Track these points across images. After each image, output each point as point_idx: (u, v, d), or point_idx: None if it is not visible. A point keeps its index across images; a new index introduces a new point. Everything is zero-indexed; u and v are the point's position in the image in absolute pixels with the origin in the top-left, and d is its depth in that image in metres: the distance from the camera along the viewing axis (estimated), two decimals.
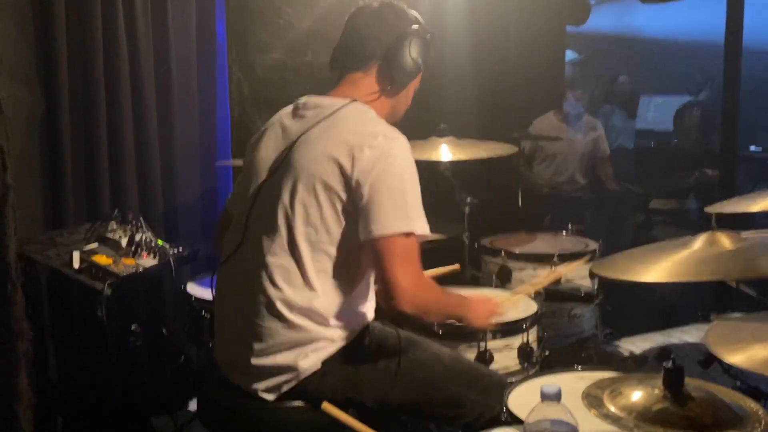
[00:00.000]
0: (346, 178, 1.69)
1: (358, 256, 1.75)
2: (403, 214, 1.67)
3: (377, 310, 1.91)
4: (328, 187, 1.70)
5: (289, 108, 1.92)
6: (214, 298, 1.95)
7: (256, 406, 1.76)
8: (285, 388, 1.74)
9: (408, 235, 1.67)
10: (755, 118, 5.20)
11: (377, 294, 1.72)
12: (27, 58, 2.76)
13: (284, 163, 1.77)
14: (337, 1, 3.59)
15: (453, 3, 4.13)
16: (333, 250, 1.72)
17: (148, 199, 3.14)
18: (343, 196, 1.69)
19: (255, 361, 1.74)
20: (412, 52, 1.88)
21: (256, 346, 1.74)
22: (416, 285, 1.68)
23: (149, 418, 3.01)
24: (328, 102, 1.83)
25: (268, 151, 1.85)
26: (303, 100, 1.89)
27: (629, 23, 6.56)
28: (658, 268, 1.77)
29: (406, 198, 1.69)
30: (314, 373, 1.75)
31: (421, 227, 1.70)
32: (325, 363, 1.76)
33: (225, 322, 1.88)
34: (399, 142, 1.75)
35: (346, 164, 1.69)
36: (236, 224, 1.87)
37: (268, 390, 1.75)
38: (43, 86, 2.80)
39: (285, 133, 1.84)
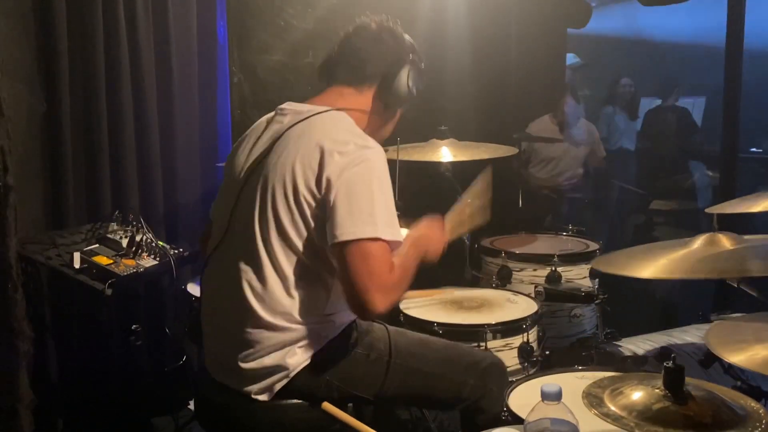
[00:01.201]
0: (315, 183, 1.68)
1: (331, 257, 1.73)
2: (369, 220, 1.64)
3: None
4: (298, 191, 1.69)
5: (270, 114, 1.93)
6: (200, 301, 1.94)
7: (253, 405, 1.76)
8: (277, 388, 1.74)
9: (375, 240, 1.63)
10: (756, 119, 5.21)
11: (348, 302, 1.66)
12: (28, 59, 2.76)
13: (258, 168, 1.78)
14: (338, 3, 3.59)
15: (454, 5, 4.14)
16: (307, 253, 1.71)
17: (149, 200, 3.14)
18: (312, 200, 1.68)
19: (243, 365, 1.74)
20: (409, 80, 1.91)
21: (242, 351, 1.74)
22: (386, 287, 1.64)
23: (149, 418, 3.01)
24: (306, 108, 1.84)
25: (243, 156, 1.86)
26: (283, 105, 1.90)
27: (631, 26, 6.56)
28: (656, 264, 1.78)
29: (374, 204, 1.66)
30: (304, 369, 1.75)
31: (389, 234, 1.66)
32: (314, 358, 1.76)
33: (210, 326, 1.88)
34: (371, 150, 1.72)
35: (316, 168, 1.68)
36: (217, 229, 1.87)
37: (260, 391, 1.75)
38: (44, 87, 2.80)
39: (260, 138, 1.85)
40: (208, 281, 1.89)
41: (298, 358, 1.74)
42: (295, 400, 1.77)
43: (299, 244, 1.70)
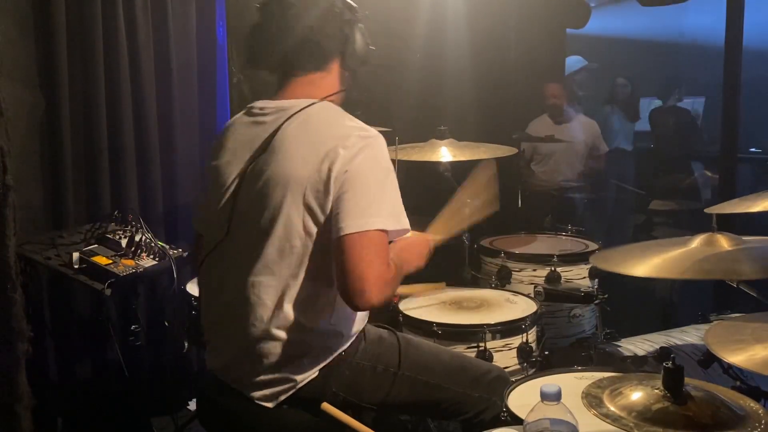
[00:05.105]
0: (324, 184, 1.64)
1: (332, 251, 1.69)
2: (376, 211, 1.61)
3: (373, 312, 1.87)
4: (307, 195, 1.64)
5: (243, 116, 1.83)
6: (200, 306, 1.89)
7: (257, 409, 1.74)
8: (282, 397, 1.72)
9: (377, 231, 1.61)
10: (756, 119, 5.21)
11: (341, 291, 1.62)
12: (27, 59, 2.76)
13: (254, 172, 1.71)
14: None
15: (453, 5, 4.14)
16: (317, 260, 1.67)
17: (148, 200, 3.14)
18: (324, 203, 1.64)
19: (249, 375, 1.72)
20: (366, 39, 1.84)
21: (249, 362, 1.71)
22: (384, 280, 1.61)
23: (149, 418, 3.01)
24: (288, 104, 1.76)
25: (231, 160, 1.77)
26: (259, 104, 1.81)
27: (630, 26, 6.56)
28: (652, 263, 1.78)
29: (379, 194, 1.64)
30: (311, 381, 1.73)
31: (395, 222, 1.64)
32: (323, 371, 1.73)
33: (214, 333, 1.84)
34: (371, 139, 1.68)
35: (324, 170, 1.63)
36: (210, 235, 1.80)
37: (265, 398, 1.72)
38: (43, 87, 2.80)
39: (247, 141, 1.76)
40: (209, 288, 1.84)
41: (305, 371, 1.71)
42: (300, 409, 1.74)
43: (310, 250, 1.66)
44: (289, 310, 1.68)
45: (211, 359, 1.84)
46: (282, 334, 1.69)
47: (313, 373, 1.72)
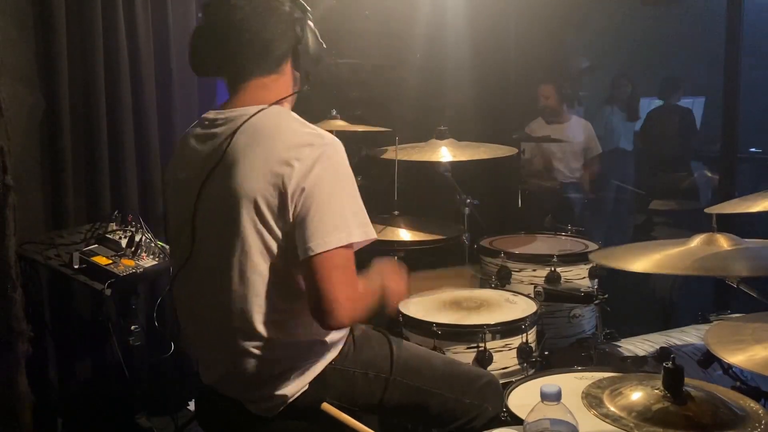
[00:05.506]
0: (279, 200, 1.56)
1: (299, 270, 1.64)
2: (341, 225, 1.56)
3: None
4: (263, 212, 1.57)
5: (196, 128, 1.76)
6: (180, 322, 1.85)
7: (254, 415, 1.72)
8: (276, 411, 1.71)
9: (345, 247, 1.56)
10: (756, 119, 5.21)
11: (312, 311, 1.58)
12: (27, 59, 2.76)
13: (211, 188, 1.64)
14: (337, 2, 3.59)
15: (454, 5, 4.14)
16: (283, 276, 1.62)
17: (148, 200, 3.14)
18: (281, 220, 1.58)
19: (240, 393, 1.71)
20: (317, 38, 1.79)
21: (236, 382, 1.70)
22: (354, 298, 1.58)
23: (149, 418, 3.02)
24: (238, 113, 1.67)
25: (187, 179, 1.70)
26: (210, 114, 1.72)
27: (630, 25, 6.57)
28: (650, 259, 1.79)
29: (341, 207, 1.58)
30: (304, 393, 1.71)
31: (361, 234, 1.59)
32: (312, 383, 1.71)
33: (200, 353, 1.81)
34: (326, 147, 1.60)
35: (278, 184, 1.55)
36: (177, 252, 1.76)
37: (261, 411, 1.71)
38: (43, 87, 2.80)
39: (200, 155, 1.69)
40: (182, 307, 1.80)
41: (294, 386, 1.69)
42: (297, 418, 1.73)
43: (270, 267, 1.60)
44: (261, 328, 1.63)
45: (203, 375, 1.82)
46: (260, 353, 1.64)
47: (303, 387, 1.70)
